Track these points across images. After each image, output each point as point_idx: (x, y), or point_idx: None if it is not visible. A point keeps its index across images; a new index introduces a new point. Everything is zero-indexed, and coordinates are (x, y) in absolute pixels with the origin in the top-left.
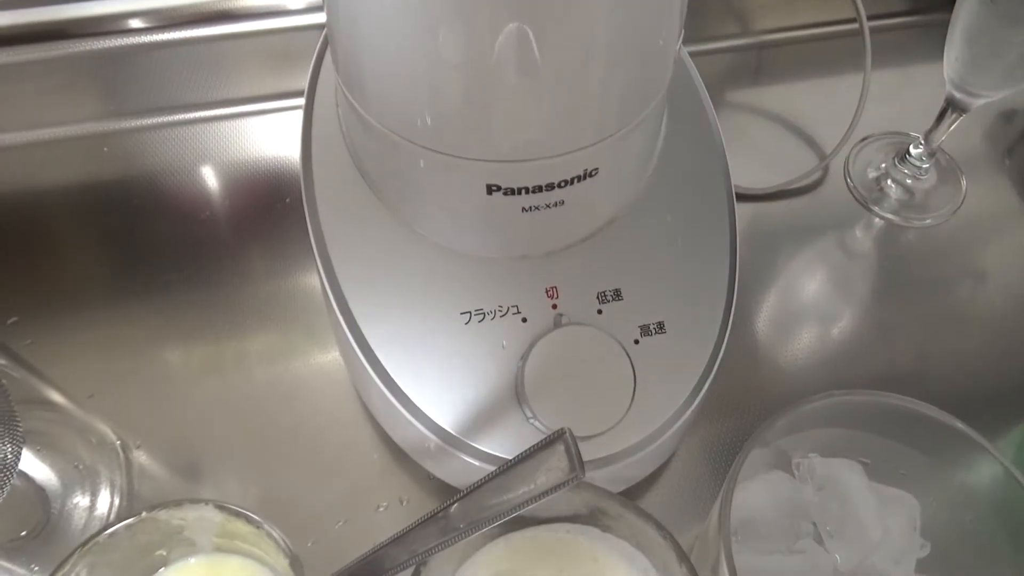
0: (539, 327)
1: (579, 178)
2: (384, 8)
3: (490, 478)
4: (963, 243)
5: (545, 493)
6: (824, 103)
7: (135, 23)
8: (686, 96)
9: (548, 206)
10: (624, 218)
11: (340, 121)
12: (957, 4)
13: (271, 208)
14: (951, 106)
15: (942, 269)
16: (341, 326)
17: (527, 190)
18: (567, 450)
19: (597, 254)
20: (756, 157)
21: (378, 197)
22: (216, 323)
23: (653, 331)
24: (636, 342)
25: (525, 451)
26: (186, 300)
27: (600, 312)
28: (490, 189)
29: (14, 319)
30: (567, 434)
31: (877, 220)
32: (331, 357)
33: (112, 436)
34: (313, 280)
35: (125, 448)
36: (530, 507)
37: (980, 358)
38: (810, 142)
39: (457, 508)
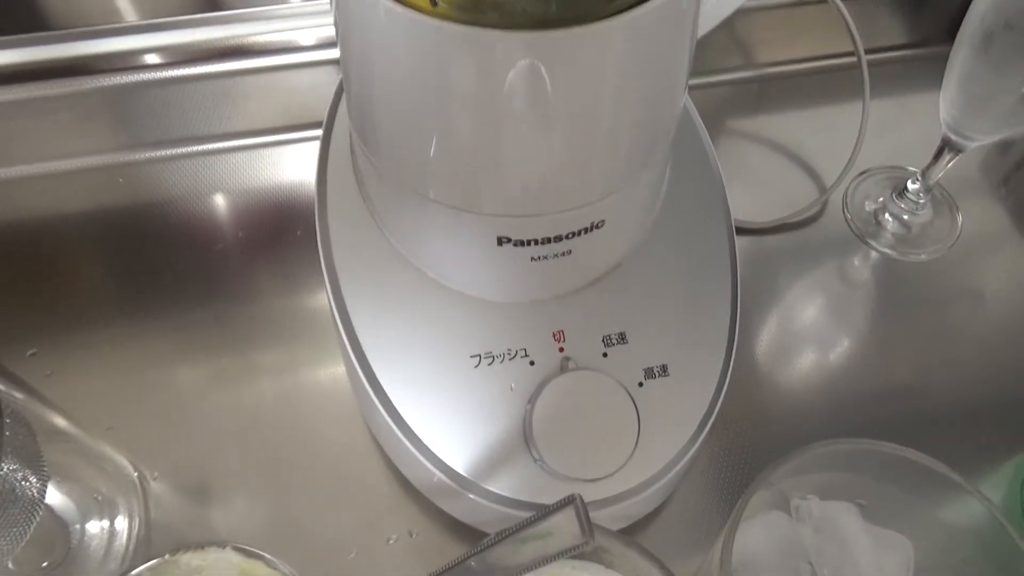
0: (547, 370)
1: (586, 230)
2: (396, 73)
3: (502, 537)
4: (960, 277)
5: (556, 556)
6: (824, 135)
7: (150, 59)
8: (686, 136)
9: (556, 255)
10: (629, 262)
11: (354, 166)
12: (953, 51)
13: (283, 241)
14: (947, 146)
15: (939, 304)
16: (353, 366)
17: (536, 242)
18: (577, 515)
19: (603, 298)
20: (757, 190)
21: (390, 241)
22: (230, 355)
23: (657, 374)
24: (640, 385)
25: (537, 514)
26: (201, 332)
27: (605, 355)
28: (500, 241)
29: (33, 351)
30: (577, 500)
31: (874, 254)
32: (343, 390)
33: (130, 468)
34: (325, 315)
35: (142, 479)
36: (539, 567)
37: (977, 396)
38: (810, 174)
39: (473, 563)
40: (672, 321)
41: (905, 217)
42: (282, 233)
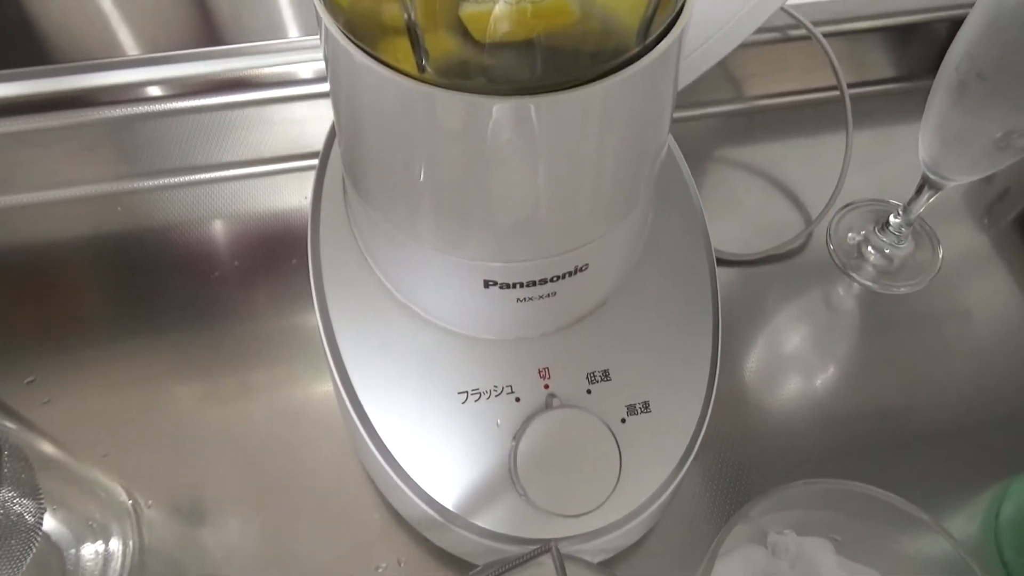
0: (532, 406)
1: (570, 273)
2: (384, 129)
3: None
4: (940, 309)
5: None
6: (810, 167)
7: (150, 91)
8: (669, 174)
9: (541, 297)
10: (613, 300)
11: (346, 202)
12: (930, 94)
13: (278, 270)
14: (927, 183)
15: (920, 336)
16: (343, 400)
17: (521, 284)
18: (554, 563)
19: (587, 336)
20: (743, 221)
21: (380, 278)
22: (225, 383)
23: (639, 410)
24: (623, 421)
25: (515, 559)
26: (197, 360)
27: (590, 392)
28: (487, 283)
29: (31, 378)
30: (553, 548)
31: (856, 286)
32: (334, 420)
33: (124, 495)
34: (319, 345)
35: (136, 506)
36: None
37: (957, 426)
38: (796, 205)
39: None
40: (655, 358)
41: (887, 251)
42: (277, 262)
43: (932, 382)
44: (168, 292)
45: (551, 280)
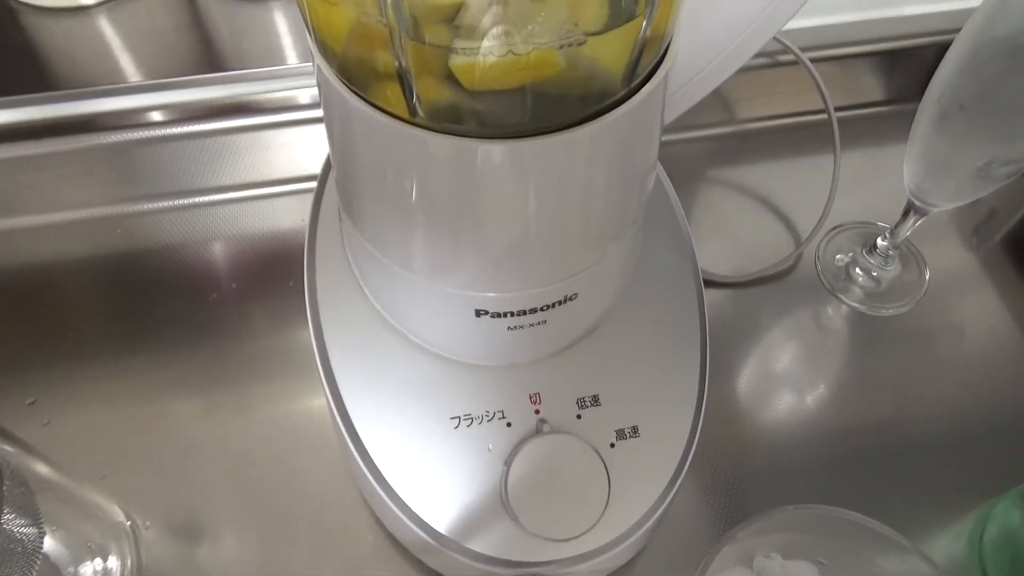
0: (523, 431)
1: (560, 302)
2: (376, 167)
3: None
4: (927, 330)
5: None
6: (799, 189)
7: (151, 117)
8: (657, 201)
9: (532, 325)
10: (602, 326)
11: (342, 231)
12: (914, 123)
13: (276, 292)
14: (912, 208)
15: (908, 356)
16: (338, 425)
17: (512, 314)
18: None
19: (577, 362)
20: (733, 243)
21: (374, 304)
22: (223, 404)
23: (628, 435)
24: (612, 446)
25: None
26: (196, 381)
27: (579, 417)
28: (478, 312)
29: (32, 400)
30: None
31: (844, 307)
32: (331, 440)
33: (122, 516)
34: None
35: (135, 527)
36: None
37: (944, 447)
38: (786, 227)
39: None
40: (643, 383)
41: (875, 273)
42: (274, 283)
43: (919, 403)
44: (167, 313)
45: (541, 309)
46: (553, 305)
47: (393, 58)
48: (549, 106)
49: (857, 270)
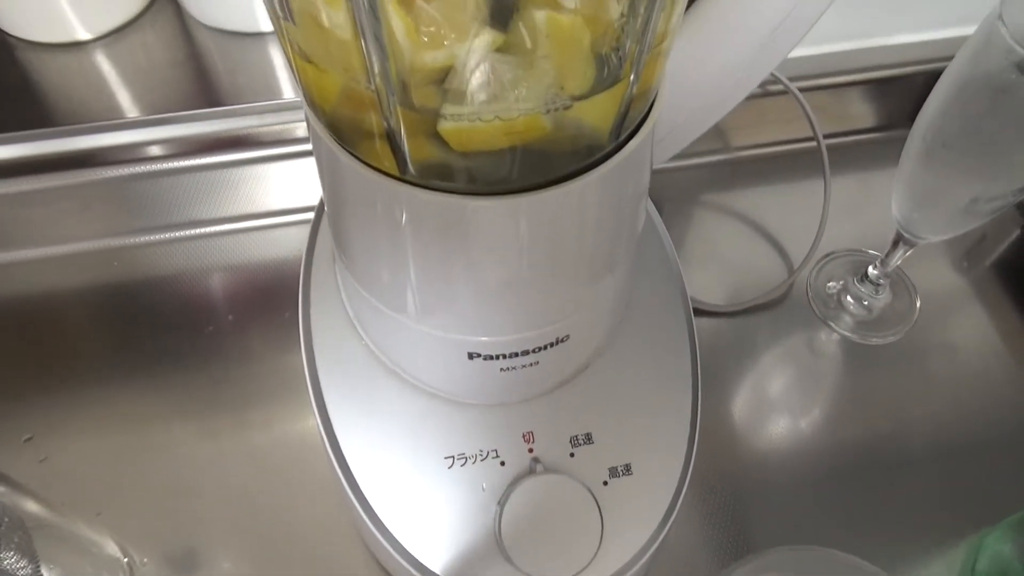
0: (516, 470)
1: (552, 344)
2: (368, 219)
3: None
4: (920, 358)
5: None
6: (791, 216)
7: (149, 151)
8: (647, 237)
9: (524, 366)
10: (595, 364)
11: (336, 273)
12: (901, 158)
13: (272, 323)
14: (901, 240)
15: (900, 384)
16: (333, 464)
17: (504, 356)
18: None
19: (570, 400)
20: (724, 271)
21: (367, 343)
22: (218, 439)
23: (621, 473)
24: (605, 484)
25: None
26: (192, 417)
27: (573, 455)
28: (471, 355)
29: (29, 436)
30: None
31: (835, 335)
32: (327, 477)
33: (119, 553)
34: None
35: (131, 564)
36: None
37: (936, 476)
38: (778, 253)
39: None
40: (636, 421)
41: (866, 301)
42: (271, 315)
43: (911, 432)
44: (163, 346)
45: (533, 351)
46: (545, 347)
47: (382, 120)
48: (537, 164)
49: (848, 298)
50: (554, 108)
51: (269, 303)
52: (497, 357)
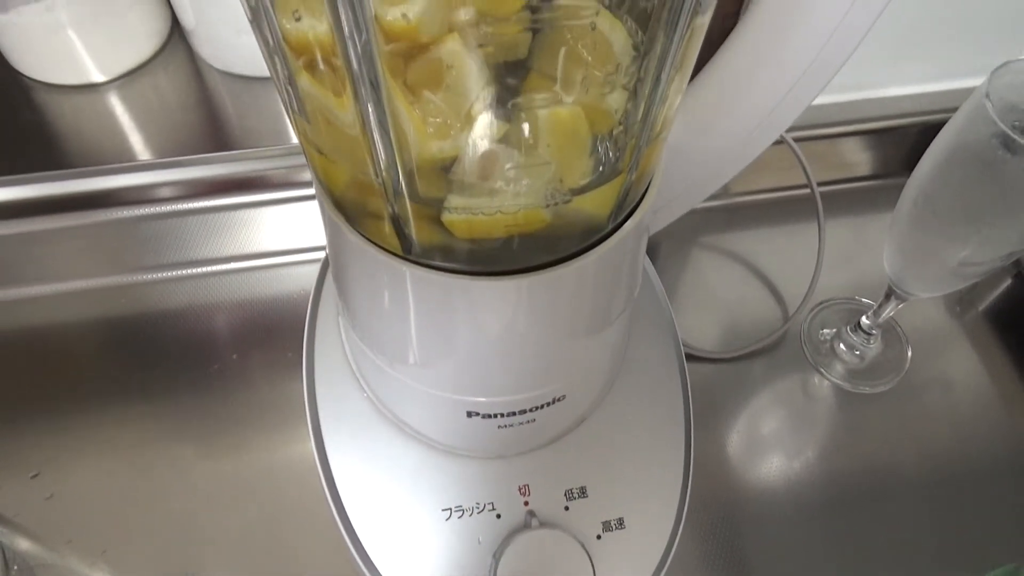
0: (512, 523)
1: (548, 403)
2: (372, 289)
3: None
4: (912, 404)
5: None
6: (786, 262)
7: (157, 193)
8: (643, 292)
9: (522, 423)
10: (590, 419)
11: (340, 326)
12: (892, 219)
13: (277, 361)
14: (893, 294)
15: (893, 431)
16: (333, 514)
17: (502, 415)
18: None
19: (566, 454)
20: (720, 317)
21: (370, 395)
22: (222, 477)
23: (614, 527)
24: (599, 537)
25: None
26: (195, 455)
27: (567, 509)
28: (469, 414)
29: (35, 473)
30: None
31: (827, 383)
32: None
33: None
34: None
35: None
36: None
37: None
38: (774, 298)
39: None
40: (630, 474)
41: (857, 351)
42: (275, 354)
43: (905, 483)
44: (169, 384)
45: (531, 410)
46: (542, 406)
47: (388, 207)
48: (537, 247)
49: (841, 346)
50: (554, 203)
51: (272, 342)
52: (495, 416)
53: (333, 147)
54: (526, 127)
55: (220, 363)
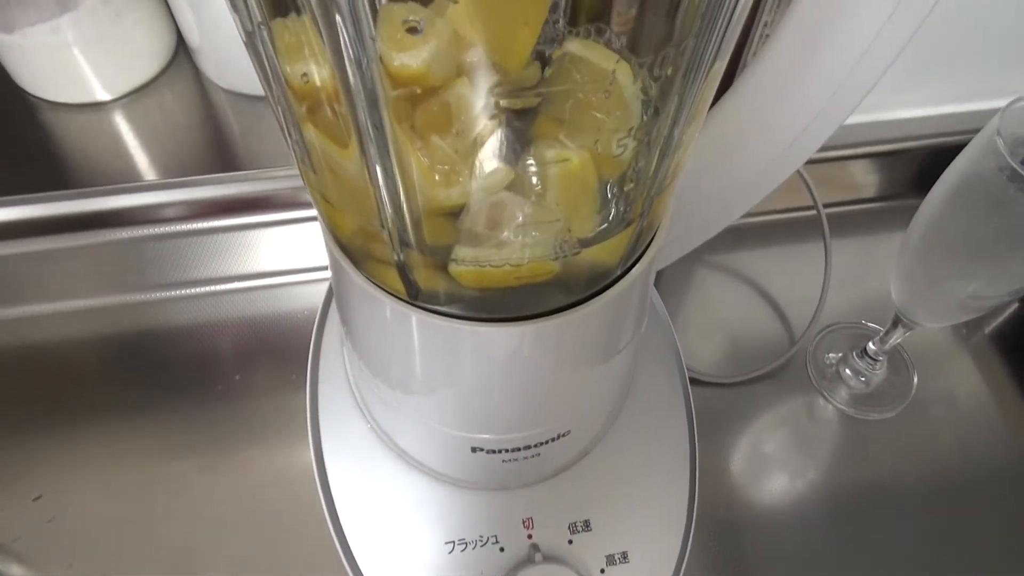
0: (515, 557)
1: (552, 439)
2: (378, 329)
3: None
4: (918, 430)
5: None
6: (793, 285)
7: (162, 213)
8: (650, 324)
9: (526, 458)
10: (594, 451)
11: (344, 357)
12: (899, 250)
13: (280, 384)
14: (900, 323)
15: (900, 457)
16: (336, 546)
17: (507, 450)
18: None
19: (569, 487)
20: (724, 338)
21: (374, 426)
22: (226, 500)
23: (618, 560)
24: (602, 572)
25: None
26: (196, 480)
27: (571, 542)
28: (474, 449)
29: (37, 496)
30: None
31: (831, 408)
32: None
33: None
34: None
35: None
36: None
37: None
38: (780, 321)
39: None
40: (634, 507)
41: (863, 377)
42: (278, 376)
43: (914, 506)
44: (171, 405)
45: (535, 446)
46: (547, 442)
47: (394, 255)
48: (544, 295)
49: (847, 371)
50: (563, 255)
51: (276, 362)
52: (500, 451)
53: (339, 197)
54: (535, 176)
55: (224, 383)
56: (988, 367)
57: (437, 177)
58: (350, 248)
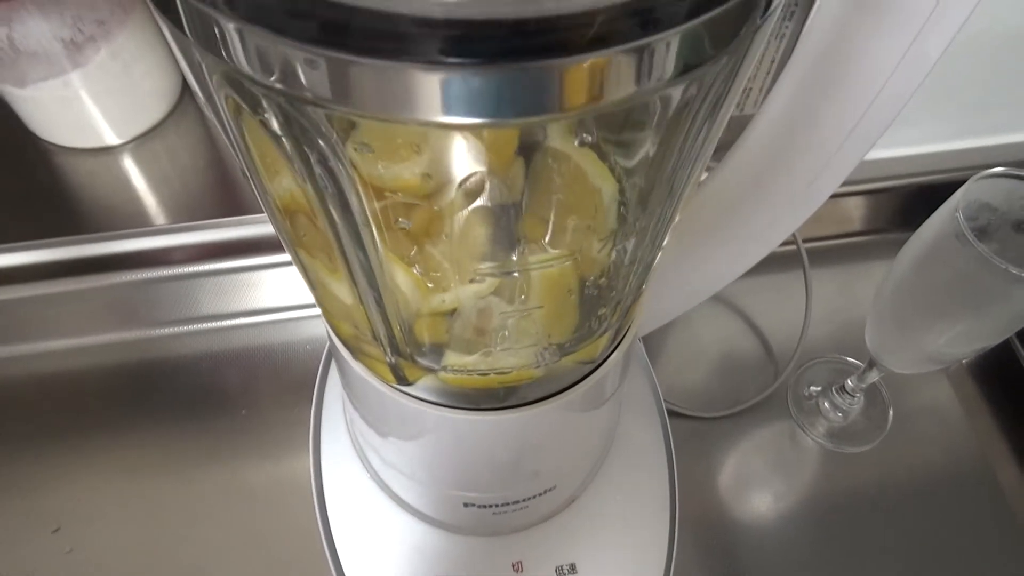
0: None
1: (539, 495)
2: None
3: None
4: (895, 465)
5: None
6: (774, 316)
7: (172, 256)
8: (633, 373)
9: (515, 510)
10: (580, 498)
11: (344, 408)
12: (874, 298)
13: (286, 418)
14: (875, 366)
15: (874, 492)
16: None
17: (496, 505)
18: None
19: (557, 530)
20: (705, 370)
21: (373, 475)
22: (232, 530)
23: None
24: None
25: None
26: (212, 507)
27: None
28: (466, 504)
29: (56, 528)
30: None
31: (811, 442)
32: None
33: None
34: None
35: None
36: None
37: None
38: (762, 351)
39: None
40: (617, 550)
41: (840, 412)
42: (283, 411)
43: (893, 540)
44: (182, 437)
45: (523, 500)
46: (534, 496)
47: (387, 359)
48: (528, 392)
49: (826, 404)
50: (544, 363)
51: (280, 400)
52: (490, 506)
53: (335, 311)
54: (519, 280)
55: (232, 418)
56: (966, 398)
57: (430, 284)
58: (347, 344)
